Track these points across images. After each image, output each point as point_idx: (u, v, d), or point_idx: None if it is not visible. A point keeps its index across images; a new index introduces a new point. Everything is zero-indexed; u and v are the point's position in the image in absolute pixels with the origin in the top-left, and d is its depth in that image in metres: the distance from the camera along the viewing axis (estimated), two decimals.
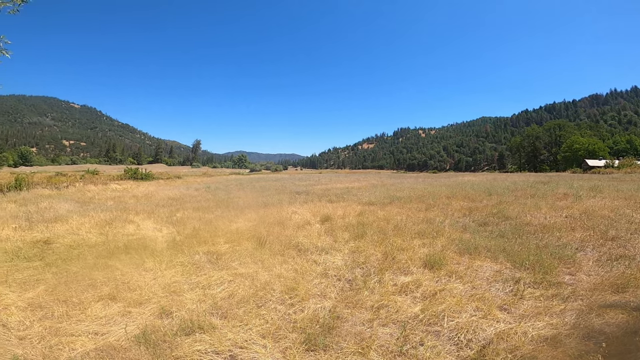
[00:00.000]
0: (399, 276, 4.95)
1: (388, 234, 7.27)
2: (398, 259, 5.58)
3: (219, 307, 3.98)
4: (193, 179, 40.23)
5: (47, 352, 3.08)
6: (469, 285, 4.53)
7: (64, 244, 6.78)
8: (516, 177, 30.33)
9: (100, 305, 4.01)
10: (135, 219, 9.65)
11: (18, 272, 5.24)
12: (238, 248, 6.52)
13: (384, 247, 6.34)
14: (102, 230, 8.14)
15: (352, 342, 3.25)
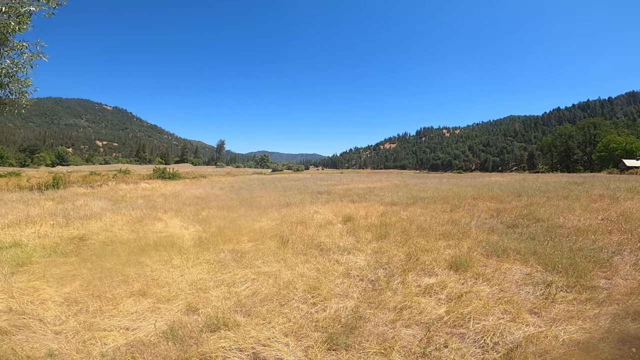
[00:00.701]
0: (422, 277, 4.88)
1: (411, 235, 7.16)
2: (422, 260, 5.49)
3: (243, 304, 4.05)
4: (217, 179, 41.22)
5: (80, 346, 3.17)
6: (497, 288, 4.41)
7: (98, 241, 7.08)
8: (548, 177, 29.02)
9: (131, 301, 4.14)
10: (163, 217, 10.00)
11: (55, 268, 5.45)
12: (261, 247, 6.62)
13: (407, 248, 6.25)
14: (133, 227, 8.47)
15: (374, 343, 3.23)
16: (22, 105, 6.27)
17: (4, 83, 5.61)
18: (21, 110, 6.38)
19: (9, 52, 5.34)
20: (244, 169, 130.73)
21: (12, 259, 5.73)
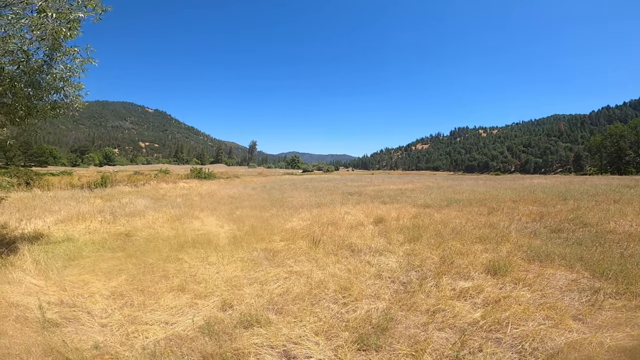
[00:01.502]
0: (457, 281, 4.76)
1: (446, 238, 6.99)
2: (457, 264, 5.36)
3: (275, 302, 4.11)
4: (250, 179, 42.27)
5: (124, 339, 3.29)
6: (539, 294, 4.23)
7: (142, 237, 7.49)
8: (596, 180, 26.93)
9: (171, 296, 4.31)
10: (200, 215, 10.43)
11: (104, 262, 5.76)
12: (293, 246, 6.71)
13: (441, 250, 6.12)
14: (173, 225, 8.89)
15: (405, 345, 3.19)
16: (76, 109, 6.74)
17: (59, 87, 6.02)
18: (75, 113, 6.87)
19: (62, 57, 5.64)
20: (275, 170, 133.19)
21: (64, 253, 6.13)
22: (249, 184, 29.26)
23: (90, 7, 5.04)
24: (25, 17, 4.77)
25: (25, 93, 5.71)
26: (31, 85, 5.69)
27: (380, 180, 34.03)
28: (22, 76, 5.51)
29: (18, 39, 5.00)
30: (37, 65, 5.53)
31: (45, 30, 4.94)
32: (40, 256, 5.64)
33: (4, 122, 6.43)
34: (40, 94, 5.95)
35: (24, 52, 5.23)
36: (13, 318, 3.49)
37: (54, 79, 5.85)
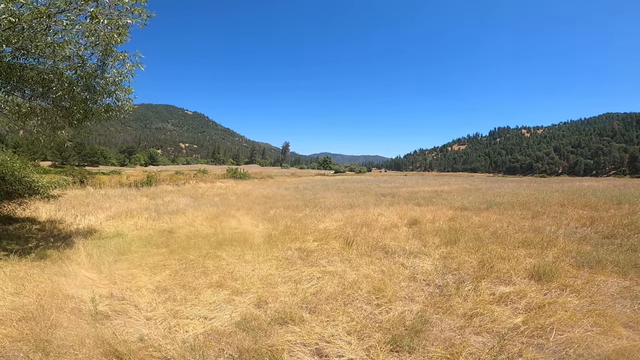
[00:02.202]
0: (497, 286, 4.60)
1: (485, 242, 6.73)
2: (497, 268, 5.16)
3: (309, 301, 4.15)
4: (283, 179, 42.99)
5: (166, 332, 3.40)
6: (587, 300, 4.01)
7: (183, 234, 7.86)
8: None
9: (210, 292, 4.46)
10: (236, 214, 10.78)
11: (149, 257, 6.01)
12: (326, 246, 6.76)
13: (480, 254, 5.91)
14: (211, 223, 9.25)
15: (439, 347, 3.14)
16: (126, 111, 7.18)
17: (112, 91, 6.42)
18: (126, 116, 7.33)
19: (114, 62, 6.00)
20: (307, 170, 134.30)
21: (115, 248, 6.49)
22: (282, 185, 29.78)
23: (137, 13, 5.32)
24: (79, 23, 5.08)
25: (82, 97, 6.14)
26: (87, 89, 6.12)
27: (414, 182, 33.27)
28: (79, 80, 5.94)
29: (74, 45, 5.38)
30: (92, 70, 5.92)
31: (98, 36, 5.28)
32: (93, 250, 6.06)
33: (64, 125, 7.01)
34: (95, 98, 6.38)
35: (80, 57, 5.62)
36: (68, 310, 3.73)
37: (107, 83, 6.24)
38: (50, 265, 5.21)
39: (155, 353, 2.98)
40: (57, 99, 6.05)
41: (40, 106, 6.59)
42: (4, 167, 7.97)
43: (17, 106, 6.75)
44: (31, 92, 6.10)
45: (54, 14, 4.85)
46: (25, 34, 4.83)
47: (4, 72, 5.57)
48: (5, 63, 5.48)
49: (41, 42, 4.99)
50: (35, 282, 4.42)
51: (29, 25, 4.75)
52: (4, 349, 2.94)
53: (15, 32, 4.75)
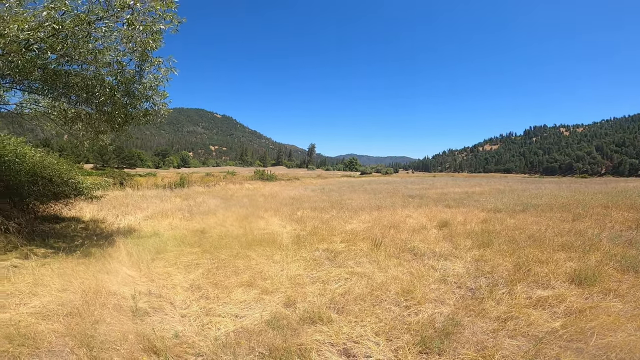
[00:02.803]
0: (534, 289, 4.44)
1: (521, 245, 6.49)
2: (534, 272, 4.98)
3: (337, 302, 4.15)
4: (309, 181, 43.28)
5: (199, 329, 3.47)
6: (632, 305, 3.80)
7: (215, 234, 8.07)
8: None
9: (241, 291, 4.52)
10: (264, 215, 10.99)
11: (184, 256, 6.18)
12: (353, 248, 6.74)
13: (515, 258, 5.70)
14: (241, 224, 9.46)
15: (471, 350, 3.06)
16: (162, 115, 7.48)
17: (149, 96, 6.72)
18: (162, 120, 7.64)
19: (150, 67, 6.29)
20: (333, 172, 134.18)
21: (152, 247, 6.68)
22: (308, 186, 30.00)
23: (169, 19, 5.56)
24: (117, 30, 5.39)
25: (122, 102, 6.48)
26: (127, 94, 6.44)
27: (444, 183, 32.40)
28: (119, 86, 6.26)
29: (113, 51, 5.69)
30: (130, 75, 6.23)
31: (135, 42, 5.57)
32: (133, 249, 6.34)
33: (106, 129, 7.43)
34: (134, 103, 6.70)
35: (119, 64, 5.94)
36: (111, 306, 3.84)
37: (145, 88, 6.53)
38: (95, 262, 5.50)
39: (189, 349, 3.07)
40: (100, 104, 6.40)
41: (84, 111, 7.00)
42: (51, 169, 8.59)
43: (63, 111, 7.22)
44: (76, 97, 6.47)
45: (94, 21, 5.15)
46: (69, 41, 5.13)
47: (50, 78, 5.99)
48: (51, 70, 5.87)
49: (83, 48, 5.30)
50: (80, 278, 4.66)
51: (72, 32, 5.05)
52: (51, 344, 3.07)
53: (58, 39, 5.08)
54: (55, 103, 7.11)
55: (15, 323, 3.32)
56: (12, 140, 8.46)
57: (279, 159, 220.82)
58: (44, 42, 5.00)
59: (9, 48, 4.81)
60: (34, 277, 4.67)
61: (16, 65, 5.09)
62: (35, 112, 7.52)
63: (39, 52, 5.06)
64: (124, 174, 26.83)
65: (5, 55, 4.99)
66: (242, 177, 41.66)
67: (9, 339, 3.04)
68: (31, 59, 5.04)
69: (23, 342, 3.02)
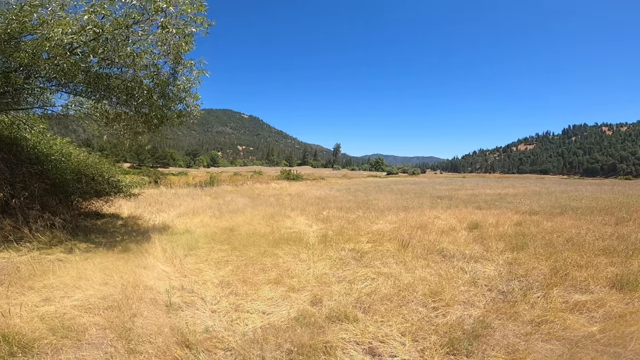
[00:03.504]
0: (572, 294, 4.28)
1: (558, 248, 6.21)
2: (572, 276, 4.79)
3: (363, 301, 4.13)
4: (334, 181, 43.25)
5: (228, 325, 3.54)
6: None
7: (243, 232, 8.24)
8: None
9: (268, 288, 4.54)
10: (291, 214, 11.12)
11: (214, 253, 6.33)
12: (380, 248, 6.68)
13: (552, 261, 5.48)
14: (268, 222, 9.63)
15: (501, 352, 2.99)
16: (195, 116, 7.74)
17: (183, 97, 6.96)
18: (194, 120, 7.91)
19: (183, 70, 6.52)
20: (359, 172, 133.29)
21: (185, 243, 6.88)
22: (334, 186, 30.00)
23: (199, 22, 5.72)
24: (152, 33, 5.61)
25: (158, 103, 6.76)
26: (162, 96, 6.72)
27: (474, 184, 31.36)
28: (156, 88, 6.54)
29: (149, 54, 5.94)
30: (165, 77, 6.49)
31: (169, 45, 5.79)
32: (167, 245, 6.61)
33: (144, 130, 7.80)
34: (169, 104, 6.98)
35: (155, 66, 6.20)
36: (147, 300, 3.97)
37: (179, 90, 6.79)
38: (133, 257, 5.78)
39: (219, 344, 3.15)
40: (138, 106, 6.73)
41: (124, 112, 7.38)
42: (94, 168, 9.17)
43: (105, 112, 7.65)
44: (117, 99, 6.79)
45: (131, 24, 5.42)
46: (109, 44, 5.40)
47: (93, 81, 6.35)
48: (93, 73, 6.21)
49: (122, 52, 5.57)
50: (120, 273, 4.88)
51: (112, 36, 5.31)
52: (92, 336, 3.20)
53: (99, 42, 5.36)
54: (98, 104, 7.51)
55: (60, 315, 3.50)
56: (58, 140, 9.12)
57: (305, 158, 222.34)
58: (86, 46, 5.28)
59: (55, 52, 5.09)
60: (78, 270, 4.90)
61: (62, 68, 5.39)
62: (80, 113, 7.98)
63: (82, 56, 5.34)
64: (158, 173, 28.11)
65: (51, 58, 5.28)
66: (269, 176, 42.34)
67: (53, 331, 3.19)
68: (75, 62, 5.34)
69: (66, 335, 3.17)
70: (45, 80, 6.32)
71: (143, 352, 2.92)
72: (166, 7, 5.30)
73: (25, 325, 3.18)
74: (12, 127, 8.05)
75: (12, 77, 5.55)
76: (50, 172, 7.84)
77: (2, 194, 6.72)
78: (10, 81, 5.61)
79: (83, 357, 2.88)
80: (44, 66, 5.43)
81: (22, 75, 5.77)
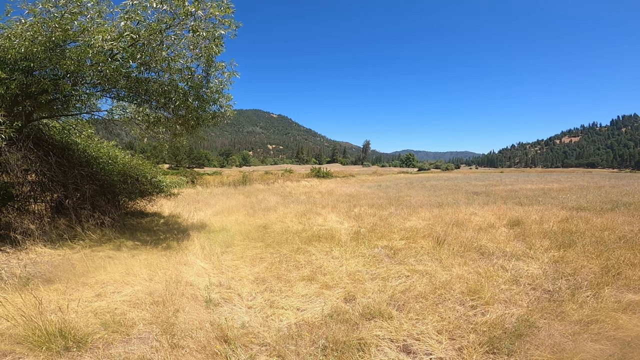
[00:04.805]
0: (625, 294, 4.05)
1: (610, 246, 5.82)
2: (625, 275, 4.53)
3: (397, 299, 4.10)
4: (365, 178, 42.84)
5: (263, 321, 3.62)
6: None
7: (276, 230, 8.39)
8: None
9: (302, 285, 4.61)
10: (322, 212, 11.15)
11: (248, 250, 6.50)
12: (414, 245, 6.56)
13: (603, 260, 5.18)
14: (300, 220, 9.72)
15: (545, 352, 2.87)
16: (228, 117, 7.94)
17: (216, 99, 7.16)
18: (227, 121, 8.12)
19: (215, 72, 6.70)
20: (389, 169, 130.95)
21: (222, 241, 7.06)
22: (364, 183, 29.73)
23: (227, 24, 5.84)
24: (184, 37, 5.81)
25: (194, 106, 7.01)
26: (197, 98, 6.95)
27: (513, 179, 29.85)
28: (191, 91, 6.79)
29: (182, 58, 6.17)
30: (199, 80, 6.70)
31: (200, 48, 5.98)
32: (205, 243, 6.84)
33: (182, 131, 8.15)
34: (204, 106, 7.21)
35: (189, 70, 6.42)
36: (189, 296, 4.12)
37: (212, 92, 6.99)
38: (175, 254, 6.06)
39: (255, 339, 3.23)
40: (176, 109, 7.02)
41: (163, 116, 7.75)
42: (138, 169, 9.73)
43: (146, 116, 8.07)
44: (156, 103, 7.12)
45: (164, 29, 5.64)
46: (145, 49, 5.65)
47: (133, 86, 6.68)
48: (133, 78, 6.53)
49: (158, 56, 5.81)
50: (164, 269, 5.06)
51: (147, 41, 5.55)
52: (139, 330, 3.34)
53: (137, 48, 5.62)
54: (140, 108, 7.94)
55: (111, 310, 3.68)
56: (105, 144, 9.77)
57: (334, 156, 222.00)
58: (125, 52, 5.55)
59: (97, 58, 5.41)
60: (126, 267, 5.14)
61: (105, 74, 5.73)
62: (123, 117, 8.47)
63: (122, 61, 5.62)
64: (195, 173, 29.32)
65: (94, 65, 5.61)
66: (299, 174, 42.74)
67: (104, 326, 3.33)
68: (116, 67, 5.61)
69: (117, 329, 3.30)
70: (90, 86, 6.71)
71: (185, 346, 3.03)
72: (195, 11, 5.46)
73: (80, 320, 3.38)
74: (63, 132, 8.69)
75: (60, 84, 5.89)
76: (99, 174, 8.40)
77: (56, 195, 7.30)
78: (59, 88, 5.97)
79: (132, 351, 3.03)
80: (89, 72, 5.79)
81: (70, 81, 6.13)
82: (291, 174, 43.75)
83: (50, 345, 2.91)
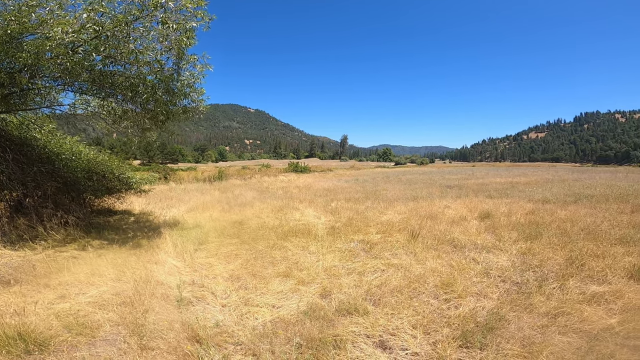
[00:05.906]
0: (589, 285, 4.21)
1: (573, 238, 6.08)
2: (589, 266, 4.70)
3: (373, 293, 4.11)
4: (342, 172, 43.05)
5: (238, 319, 3.55)
6: None
7: (252, 226, 8.23)
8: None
9: (278, 281, 4.57)
10: (299, 206, 11.08)
11: (223, 247, 6.33)
12: (389, 239, 6.62)
13: (567, 251, 5.38)
14: (277, 215, 9.61)
15: (516, 345, 2.93)
16: (200, 112, 7.71)
17: (187, 93, 6.91)
18: (200, 116, 7.88)
19: (186, 65, 6.45)
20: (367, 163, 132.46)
21: (195, 238, 6.89)
22: (342, 177, 29.90)
23: (200, 17, 5.64)
24: (153, 29, 5.56)
25: (163, 99, 6.74)
26: (167, 92, 6.68)
27: (484, 173, 30.95)
28: (160, 84, 6.52)
29: (151, 51, 5.91)
30: (169, 73, 6.45)
31: (170, 40, 5.74)
32: (177, 240, 6.62)
33: (150, 126, 7.82)
34: (174, 100, 6.94)
35: (159, 62, 6.15)
36: (159, 295, 3.99)
37: (183, 85, 6.74)
38: (144, 253, 5.82)
39: (229, 338, 3.15)
40: (144, 102, 6.71)
41: (131, 109, 7.40)
42: (104, 165, 9.26)
43: (112, 110, 7.67)
44: (122, 97, 6.78)
45: (131, 21, 5.36)
46: (110, 42, 5.36)
47: (97, 79, 6.34)
48: (97, 71, 6.19)
49: (125, 49, 5.52)
50: (132, 269, 4.90)
51: (112, 33, 5.27)
52: (105, 333, 3.23)
53: (101, 40, 5.33)
54: (104, 102, 7.53)
55: (75, 312, 3.53)
56: (68, 139, 9.21)
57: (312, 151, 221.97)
58: (88, 44, 5.25)
59: (57, 51, 5.08)
60: (91, 267, 4.93)
61: (65, 67, 5.38)
62: (87, 112, 8.02)
63: (85, 54, 5.32)
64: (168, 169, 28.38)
65: (54, 58, 5.26)
66: (277, 169, 42.39)
67: (68, 328, 3.21)
68: (79, 61, 5.30)
69: (81, 332, 3.19)
70: (50, 79, 6.32)
71: (155, 348, 2.93)
72: (165, 2, 5.23)
73: (41, 323, 3.21)
74: (22, 127, 8.12)
75: (17, 78, 5.54)
76: (61, 170, 7.92)
77: (15, 194, 6.82)
78: (15, 81, 5.60)
79: (97, 353, 2.90)
80: (48, 65, 5.43)
81: (27, 75, 5.77)
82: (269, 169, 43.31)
83: (10, 348, 2.77)
